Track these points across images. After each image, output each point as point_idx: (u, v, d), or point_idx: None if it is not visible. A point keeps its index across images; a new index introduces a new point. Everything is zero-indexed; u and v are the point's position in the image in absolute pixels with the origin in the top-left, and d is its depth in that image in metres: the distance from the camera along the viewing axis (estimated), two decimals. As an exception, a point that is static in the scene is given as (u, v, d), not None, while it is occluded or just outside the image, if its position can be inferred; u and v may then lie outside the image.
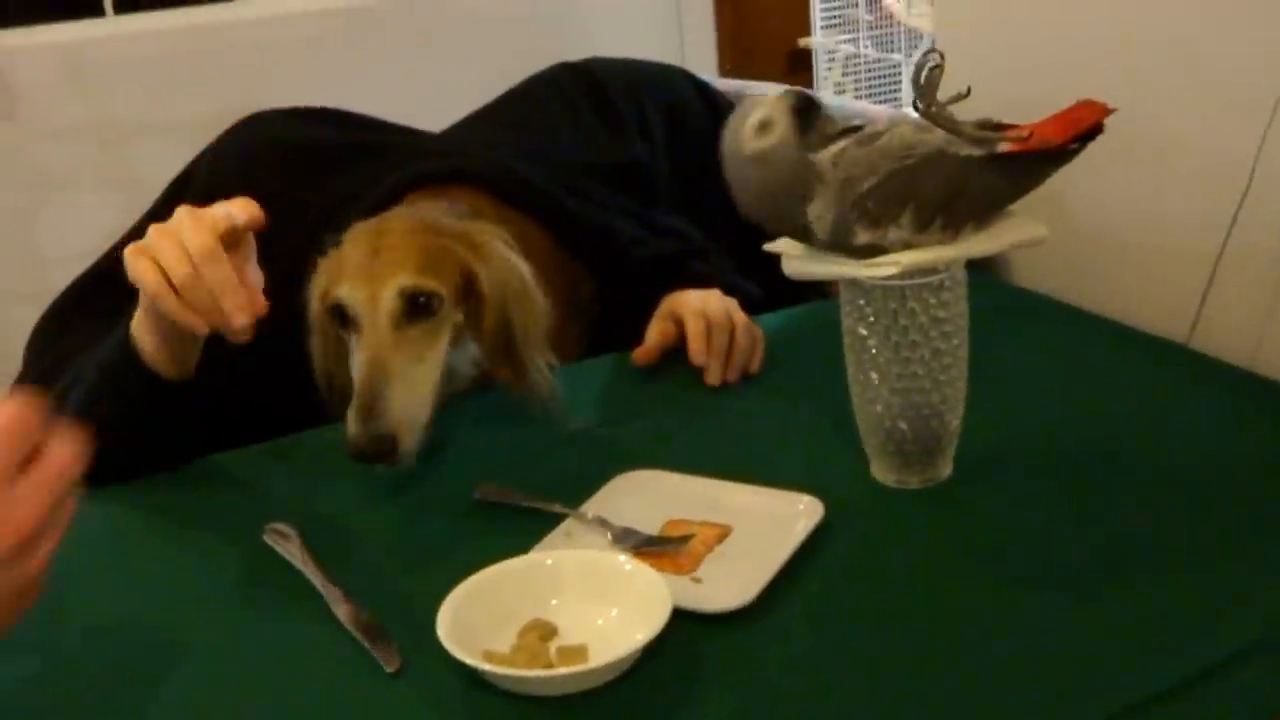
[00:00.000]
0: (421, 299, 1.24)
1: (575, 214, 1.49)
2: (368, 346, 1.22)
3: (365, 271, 1.24)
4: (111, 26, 3.39)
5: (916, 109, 1.06)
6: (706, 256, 1.57)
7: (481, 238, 1.31)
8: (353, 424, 1.18)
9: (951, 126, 1.05)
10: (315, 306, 1.30)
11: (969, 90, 1.06)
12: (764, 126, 1.05)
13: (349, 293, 1.23)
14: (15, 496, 0.74)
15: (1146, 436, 1.21)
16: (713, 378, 1.38)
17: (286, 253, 1.26)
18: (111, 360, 1.25)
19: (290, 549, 1.11)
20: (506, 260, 1.30)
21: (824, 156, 1.05)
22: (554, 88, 1.75)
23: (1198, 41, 1.37)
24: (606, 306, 1.52)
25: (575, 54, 1.86)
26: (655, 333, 1.43)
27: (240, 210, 1.13)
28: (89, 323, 1.46)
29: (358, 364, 1.22)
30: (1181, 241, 1.42)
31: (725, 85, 2.19)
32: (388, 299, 1.23)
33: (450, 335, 1.27)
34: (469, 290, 1.28)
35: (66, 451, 0.77)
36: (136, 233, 1.57)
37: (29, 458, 0.75)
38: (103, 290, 1.53)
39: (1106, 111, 1.06)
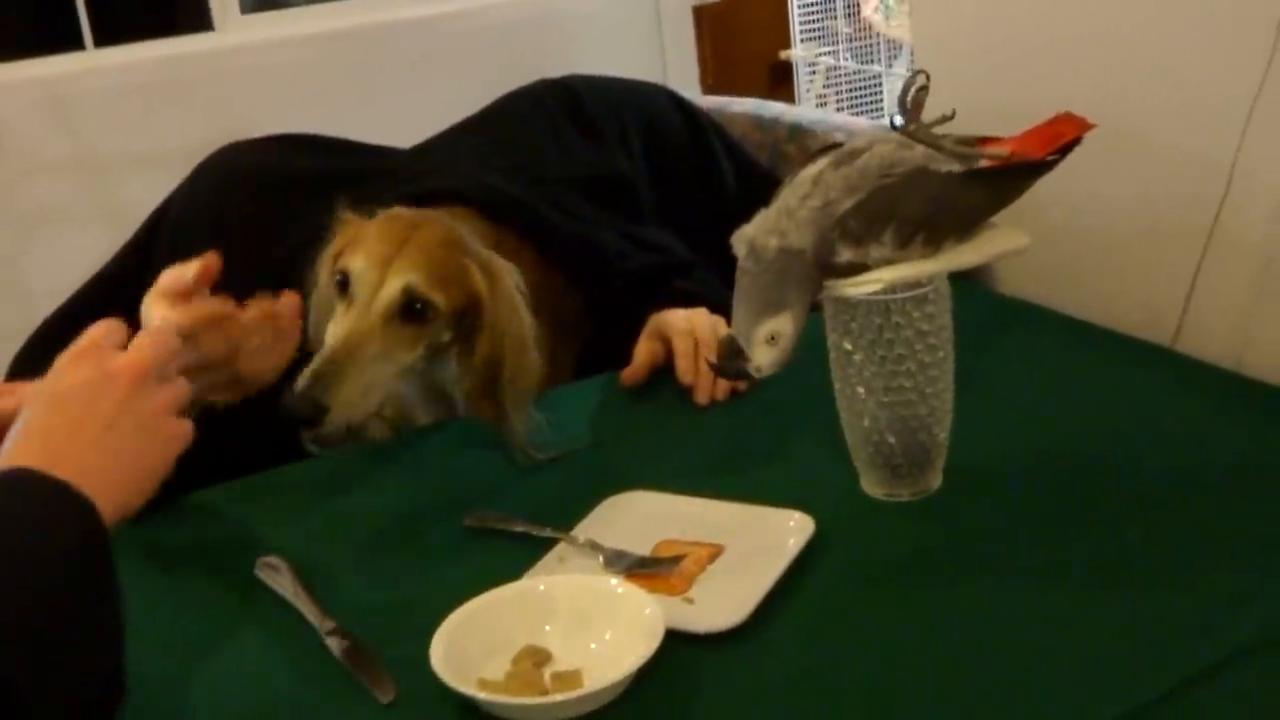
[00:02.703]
0: (419, 305, 1.25)
1: (558, 227, 1.49)
2: (352, 325, 1.23)
3: (383, 256, 1.25)
4: (92, 60, 3.40)
5: (893, 126, 1.07)
6: (692, 272, 1.57)
7: (499, 272, 1.31)
8: (302, 380, 1.19)
9: (933, 144, 1.06)
10: (325, 269, 1.31)
11: (954, 113, 1.07)
12: (772, 339, 1.07)
13: (360, 269, 1.25)
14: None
15: (1135, 441, 1.21)
16: (701, 397, 1.38)
17: (265, 281, 1.26)
18: None
19: (282, 582, 1.10)
20: (515, 304, 1.31)
21: (802, 179, 1.05)
22: (533, 103, 1.75)
23: (1173, 46, 1.38)
24: (593, 322, 1.52)
25: (558, 71, 1.86)
26: (643, 352, 1.43)
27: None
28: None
29: (334, 333, 1.24)
30: (1164, 245, 1.43)
31: (707, 103, 2.20)
32: (390, 290, 1.24)
33: (428, 348, 1.28)
34: (466, 316, 1.28)
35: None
36: (114, 266, 1.57)
37: None
38: (80, 325, 1.53)
39: (1086, 126, 1.07)
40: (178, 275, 1.17)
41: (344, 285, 1.26)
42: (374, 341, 1.23)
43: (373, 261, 1.25)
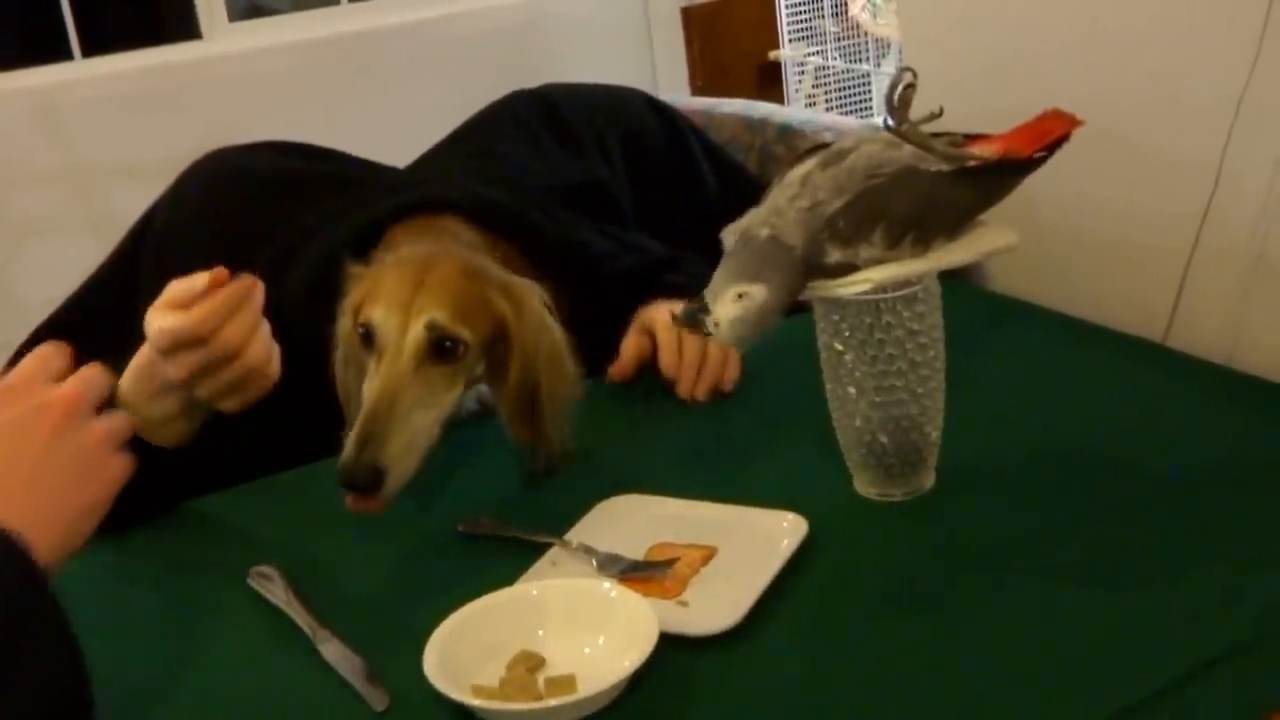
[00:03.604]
0: (448, 342, 1.22)
1: (545, 230, 1.49)
2: (384, 376, 1.20)
3: (402, 301, 1.22)
4: (81, 70, 3.40)
5: (887, 126, 1.06)
6: (679, 266, 1.57)
7: (521, 292, 1.29)
8: (349, 448, 1.16)
9: (923, 143, 1.05)
10: (345, 322, 1.27)
11: (941, 110, 1.07)
12: (740, 297, 1.04)
13: (382, 317, 1.22)
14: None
15: (1127, 438, 1.21)
16: (683, 389, 1.37)
17: None
18: None
19: (275, 591, 1.10)
20: (542, 321, 1.29)
21: (790, 180, 1.05)
22: (511, 115, 1.75)
23: (1161, 45, 1.38)
24: (583, 324, 1.51)
25: (547, 75, 1.87)
26: (630, 347, 1.43)
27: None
28: None
29: (370, 390, 1.20)
30: (1154, 241, 1.43)
31: (696, 104, 2.20)
32: (415, 333, 1.21)
33: (466, 384, 1.26)
34: (497, 343, 1.26)
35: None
36: (101, 275, 1.57)
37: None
38: (69, 334, 1.52)
39: (1074, 122, 1.07)
40: (187, 286, 1.16)
41: (368, 338, 1.23)
42: (410, 389, 1.19)
43: (393, 308, 1.22)
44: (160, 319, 1.15)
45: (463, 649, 0.95)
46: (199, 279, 1.15)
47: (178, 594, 1.18)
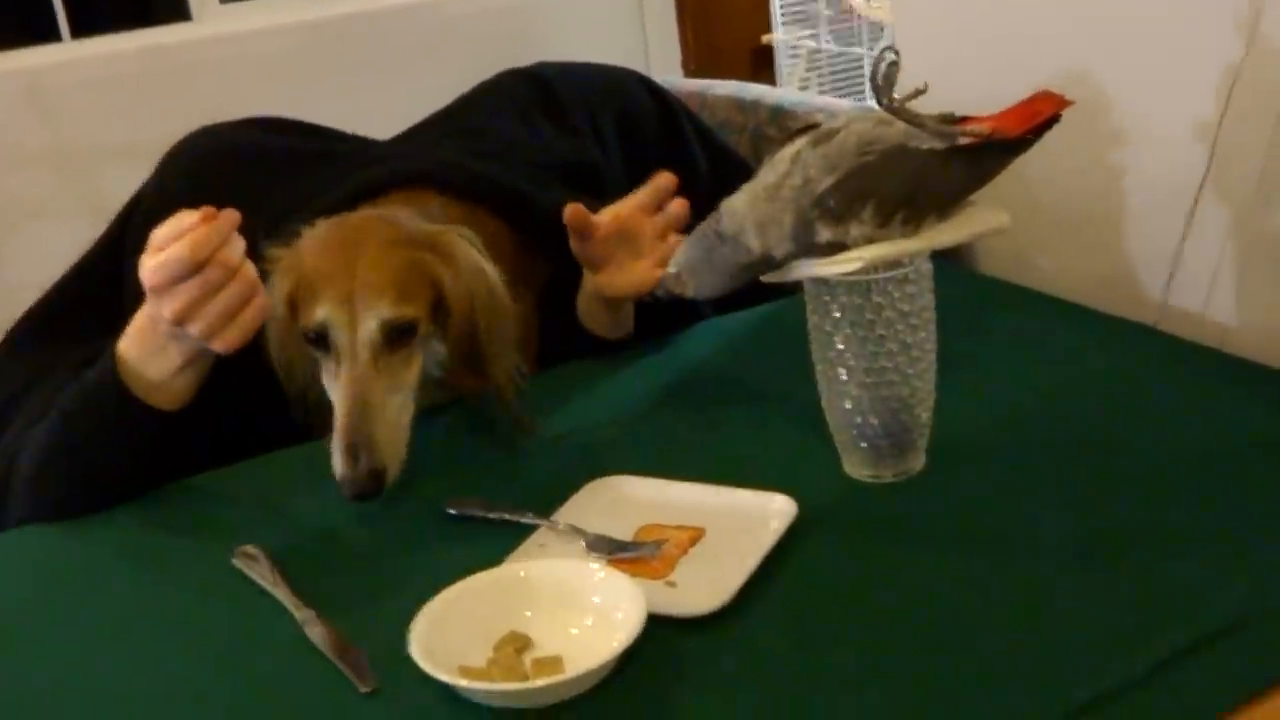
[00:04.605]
0: (400, 329, 1.23)
1: (533, 198, 1.48)
2: (349, 380, 1.20)
3: (343, 293, 1.22)
4: (70, 51, 3.38)
5: (880, 103, 1.06)
6: None
7: (448, 243, 1.29)
8: (343, 465, 1.17)
9: (914, 121, 1.05)
10: (281, 309, 1.27)
11: (926, 86, 1.06)
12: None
13: (328, 317, 1.22)
14: None
15: (1119, 421, 1.21)
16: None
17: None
18: (95, 394, 1.24)
19: (260, 571, 1.09)
20: (473, 265, 1.29)
21: (781, 158, 1.05)
22: (503, 93, 1.74)
23: (1154, 24, 1.37)
24: (571, 297, 1.50)
25: (540, 57, 1.85)
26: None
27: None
28: (45, 352, 1.45)
29: (339, 397, 1.21)
30: (1146, 223, 1.42)
31: (690, 86, 2.19)
32: (369, 331, 1.21)
33: (423, 352, 1.27)
34: (440, 301, 1.27)
35: None
36: (90, 258, 1.56)
37: None
38: (59, 317, 1.52)
39: (1064, 103, 1.06)
40: (174, 226, 1.13)
41: (319, 340, 1.23)
42: (376, 385, 1.20)
43: (337, 305, 1.21)
44: (154, 258, 1.15)
45: (449, 630, 0.94)
46: (186, 217, 1.14)
47: (162, 573, 1.17)
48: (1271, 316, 1.31)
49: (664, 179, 1.36)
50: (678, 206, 1.38)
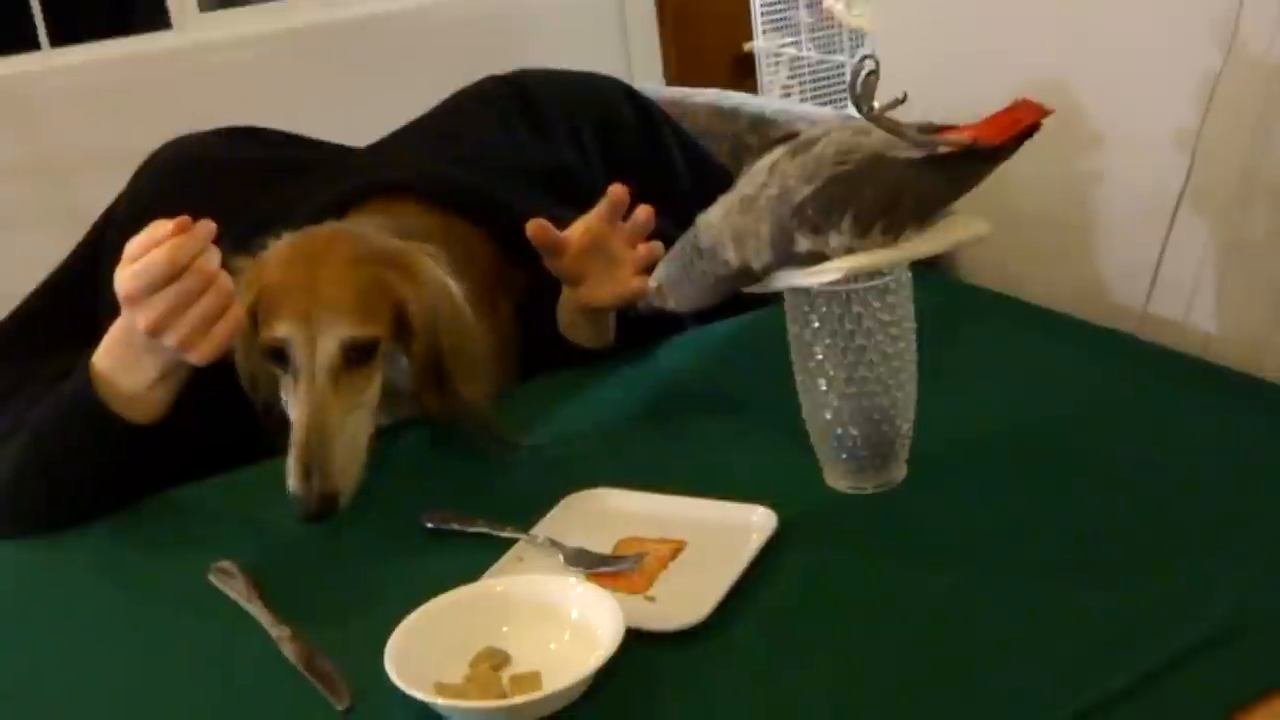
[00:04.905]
0: (360, 348, 1.22)
1: (510, 206, 1.47)
2: (306, 399, 1.19)
3: (303, 310, 1.21)
4: (48, 60, 3.36)
5: (860, 112, 1.05)
6: None
7: (413, 261, 1.28)
8: (296, 484, 1.16)
9: (894, 129, 1.04)
10: (244, 323, 1.24)
11: (905, 96, 1.05)
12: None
13: (287, 334, 1.21)
14: None
15: (1101, 430, 1.20)
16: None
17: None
18: (69, 408, 1.23)
19: (235, 587, 1.08)
20: (438, 284, 1.28)
21: (759, 168, 1.04)
22: (482, 99, 1.73)
23: (1133, 30, 1.37)
24: (549, 307, 1.49)
25: (521, 65, 1.85)
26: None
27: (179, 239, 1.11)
28: (19, 364, 1.43)
29: (296, 416, 1.20)
30: (1127, 231, 1.42)
31: (670, 94, 2.18)
32: (326, 350, 1.20)
33: (384, 368, 1.26)
34: (402, 319, 1.26)
35: None
36: (65, 269, 1.55)
37: None
38: (34, 328, 1.51)
39: (1044, 112, 1.06)
40: (149, 236, 1.12)
41: (278, 356, 1.22)
42: (335, 405, 1.20)
43: (296, 322, 1.20)
44: (130, 266, 1.13)
45: (426, 646, 0.93)
46: (161, 226, 1.13)
47: (137, 588, 1.16)
48: (1252, 324, 1.31)
49: (617, 191, 1.34)
50: (642, 214, 1.36)
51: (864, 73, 1.03)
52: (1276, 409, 1.21)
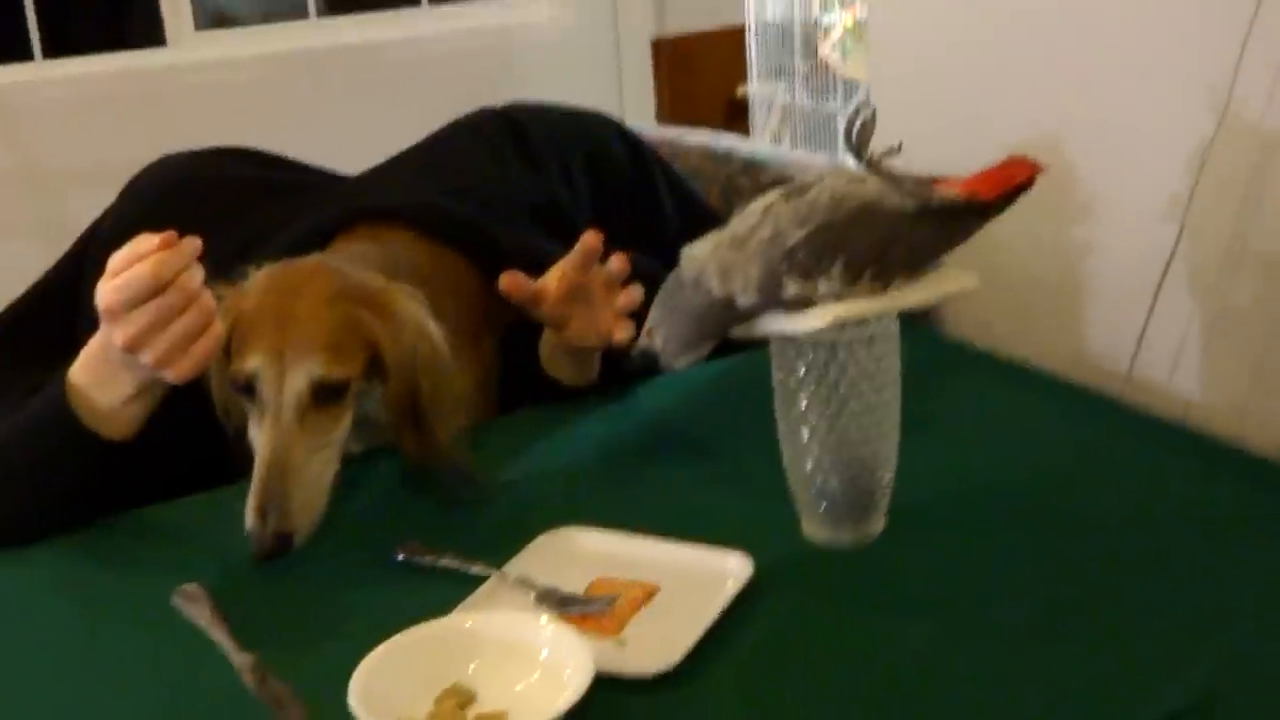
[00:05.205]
0: (330, 387, 1.20)
1: (500, 241, 1.46)
2: (270, 436, 1.17)
3: (274, 346, 1.19)
4: (41, 71, 3.35)
5: (857, 158, 1.05)
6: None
7: (391, 300, 1.26)
8: (252, 522, 1.14)
9: (890, 178, 1.04)
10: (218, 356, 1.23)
11: (900, 145, 1.05)
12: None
13: (257, 369, 1.19)
14: None
15: (1081, 492, 1.20)
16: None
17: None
18: (41, 421, 1.21)
19: (199, 612, 1.06)
20: (416, 325, 1.26)
21: (752, 210, 1.04)
22: (475, 130, 1.73)
23: (1127, 92, 1.37)
24: (534, 341, 1.48)
25: (515, 97, 1.84)
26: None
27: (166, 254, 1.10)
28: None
29: (258, 452, 1.18)
30: (1115, 293, 1.42)
31: (663, 134, 2.18)
32: (295, 388, 1.18)
33: (355, 407, 1.24)
34: (377, 359, 1.24)
35: None
36: (47, 282, 1.54)
37: None
38: (12, 339, 1.49)
39: (1037, 169, 1.06)
40: (132, 251, 1.12)
41: (247, 389, 1.20)
42: (298, 444, 1.18)
43: (267, 357, 1.19)
44: (112, 280, 1.12)
45: (391, 681, 0.92)
46: (145, 241, 1.12)
47: (99, 608, 1.14)
48: (1235, 392, 1.30)
49: (589, 240, 1.32)
50: (614, 264, 1.35)
51: (860, 120, 1.02)
52: (1257, 477, 1.20)
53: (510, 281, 1.32)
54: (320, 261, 1.30)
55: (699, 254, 1.10)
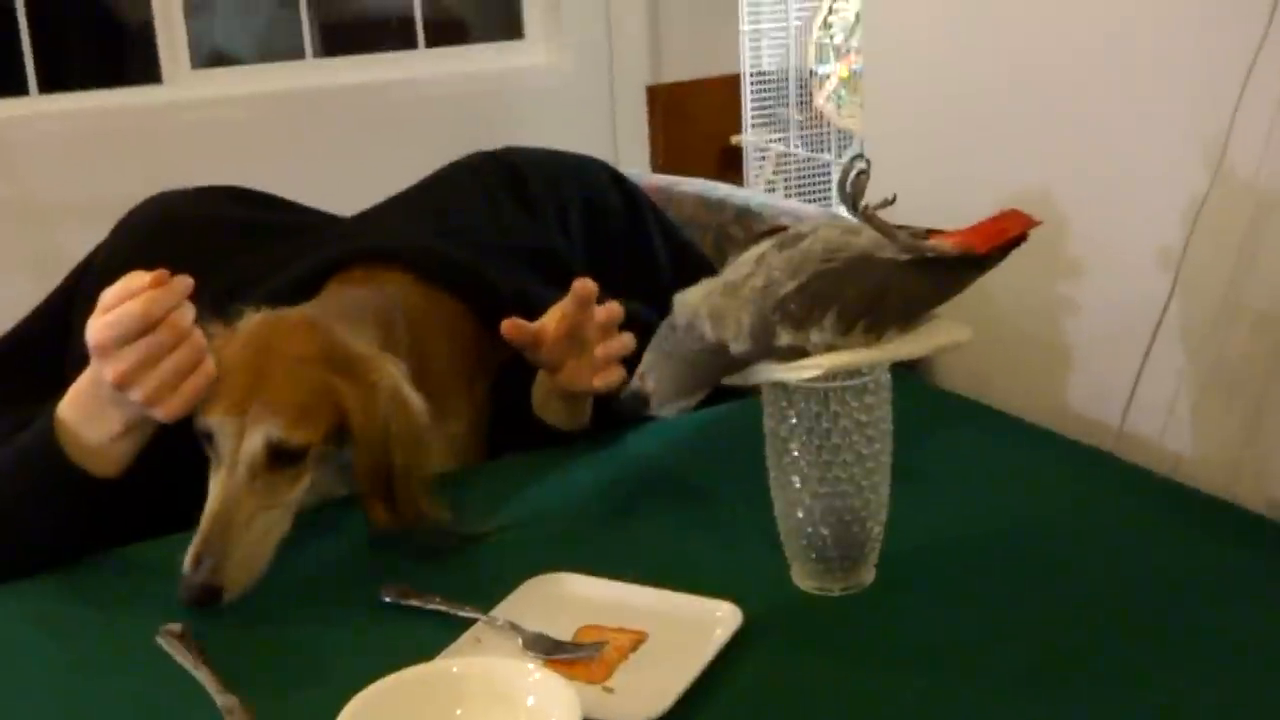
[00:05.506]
0: (287, 451, 1.18)
1: (496, 285, 1.46)
2: (220, 491, 1.16)
3: (237, 401, 1.17)
4: (36, 105, 3.35)
5: (851, 209, 1.05)
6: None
7: (371, 369, 1.24)
8: (187, 567, 1.12)
9: (884, 230, 1.04)
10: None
11: (894, 197, 1.05)
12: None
13: (217, 423, 1.17)
14: None
15: (1071, 545, 1.19)
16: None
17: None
18: (28, 455, 1.21)
19: (184, 651, 1.05)
20: (395, 396, 1.23)
21: (745, 259, 1.04)
22: (471, 174, 1.73)
23: (1122, 147, 1.38)
24: (525, 385, 1.48)
25: (511, 141, 1.85)
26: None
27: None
28: None
29: (208, 503, 1.16)
30: (1107, 346, 1.42)
31: (657, 181, 2.19)
32: (252, 446, 1.16)
33: (313, 475, 1.22)
34: (345, 428, 1.22)
35: None
36: (36, 318, 1.53)
37: None
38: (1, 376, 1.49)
39: (1032, 223, 1.06)
40: (124, 287, 1.12)
41: (209, 438, 1.19)
42: (247, 501, 1.16)
43: (228, 412, 1.17)
44: (103, 316, 1.12)
45: (376, 725, 0.91)
46: (137, 278, 1.11)
47: (81, 646, 1.13)
48: (1226, 447, 1.31)
49: (582, 288, 1.32)
50: (603, 314, 1.34)
51: (855, 172, 1.03)
52: (1246, 532, 1.20)
53: (512, 326, 1.32)
54: (308, 317, 1.28)
55: (692, 300, 1.10)
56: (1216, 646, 1.02)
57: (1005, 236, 1.06)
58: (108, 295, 1.13)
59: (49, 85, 3.37)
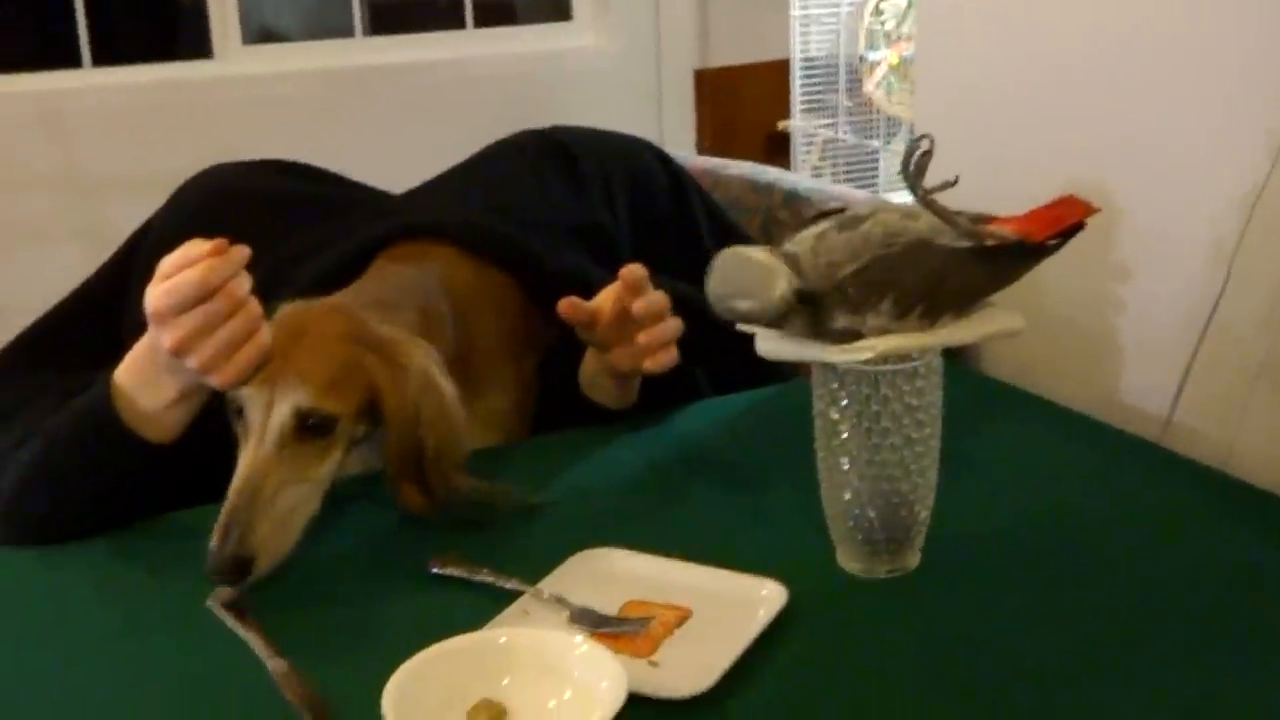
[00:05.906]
0: (315, 420, 1.18)
1: (544, 260, 1.46)
2: (248, 461, 1.16)
3: (269, 374, 1.17)
4: (89, 78, 3.38)
5: (912, 189, 1.05)
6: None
7: (402, 352, 1.24)
8: (214, 541, 1.12)
9: (945, 216, 1.04)
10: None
11: (956, 179, 1.05)
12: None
13: (248, 395, 1.18)
14: None
15: (1116, 535, 1.19)
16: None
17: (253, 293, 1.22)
18: (84, 420, 1.22)
19: (234, 618, 1.07)
20: (425, 380, 1.23)
21: (804, 238, 1.04)
22: (519, 151, 1.73)
23: (1177, 136, 1.37)
24: (578, 361, 1.48)
25: (557, 121, 1.85)
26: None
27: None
28: (36, 376, 1.43)
29: (235, 477, 1.16)
30: (1157, 339, 1.41)
31: (704, 163, 2.19)
32: (280, 415, 1.17)
33: (344, 451, 1.22)
34: (376, 407, 1.23)
35: None
36: (94, 285, 1.55)
37: None
38: (58, 341, 1.50)
39: (1090, 210, 1.06)
40: (183, 256, 1.12)
41: (240, 412, 1.19)
42: (275, 472, 1.16)
43: (258, 382, 1.17)
44: (161, 284, 1.12)
45: (424, 692, 0.91)
46: (196, 246, 1.12)
47: (135, 609, 1.14)
48: (1274, 441, 1.30)
49: (629, 274, 1.31)
50: (643, 304, 1.33)
51: (918, 152, 1.02)
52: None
53: (569, 305, 1.32)
54: (338, 303, 1.29)
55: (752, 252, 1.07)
56: (1261, 641, 1.01)
57: (1063, 224, 1.06)
58: (166, 263, 1.14)
59: (102, 58, 3.39)
